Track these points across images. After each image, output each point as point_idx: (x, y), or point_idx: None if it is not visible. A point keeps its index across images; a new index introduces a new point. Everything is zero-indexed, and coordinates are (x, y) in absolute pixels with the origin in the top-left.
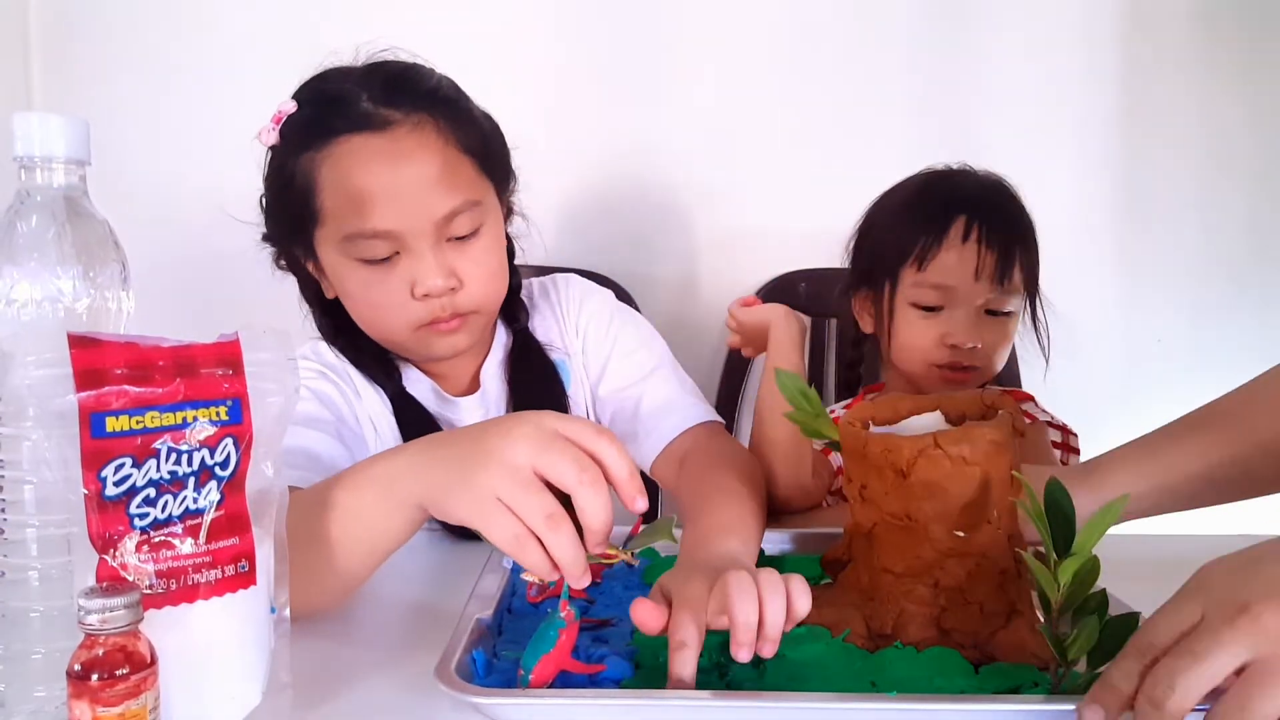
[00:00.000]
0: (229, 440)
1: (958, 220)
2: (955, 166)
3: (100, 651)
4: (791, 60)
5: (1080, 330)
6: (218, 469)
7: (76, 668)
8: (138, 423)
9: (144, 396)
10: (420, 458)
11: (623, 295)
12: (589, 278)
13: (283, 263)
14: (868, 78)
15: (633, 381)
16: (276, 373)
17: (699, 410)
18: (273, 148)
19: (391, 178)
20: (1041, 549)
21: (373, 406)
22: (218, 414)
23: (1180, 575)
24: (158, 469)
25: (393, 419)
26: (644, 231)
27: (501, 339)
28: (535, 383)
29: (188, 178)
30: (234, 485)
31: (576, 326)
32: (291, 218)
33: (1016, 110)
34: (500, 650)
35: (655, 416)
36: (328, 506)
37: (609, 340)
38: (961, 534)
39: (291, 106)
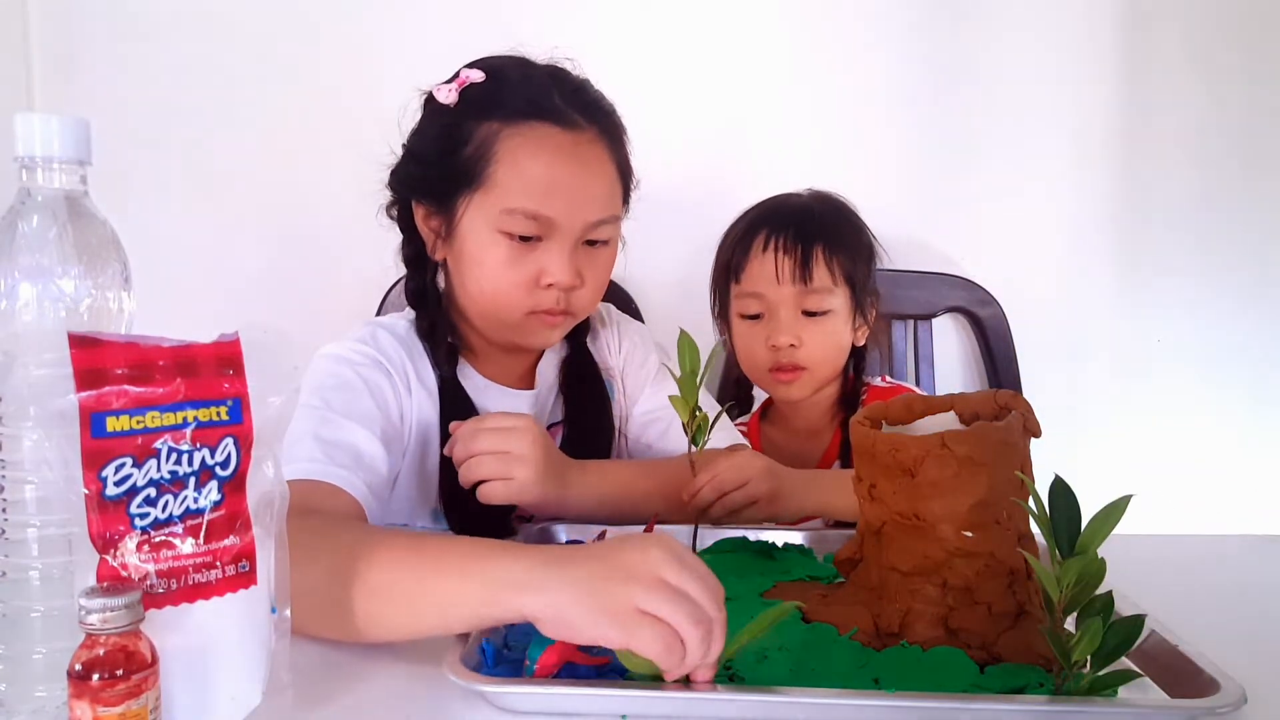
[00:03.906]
0: (229, 440)
1: (760, 234)
2: (799, 191)
3: (101, 651)
4: (790, 60)
5: (1080, 330)
6: (218, 469)
7: (77, 667)
8: (138, 422)
9: (144, 396)
10: (542, 573)
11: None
12: None
13: (393, 213)
14: (868, 78)
15: (666, 405)
16: (277, 372)
17: (725, 436)
18: (445, 107)
19: (569, 174)
20: None
21: (419, 402)
22: (218, 414)
23: (1190, 575)
24: (158, 469)
25: (435, 417)
26: (642, 232)
27: (558, 346)
28: (587, 392)
29: (189, 177)
30: (234, 485)
31: (620, 350)
32: (450, 174)
33: (1016, 110)
34: (511, 641)
35: (685, 438)
36: (413, 575)
37: (647, 368)
38: (969, 534)
39: (479, 75)
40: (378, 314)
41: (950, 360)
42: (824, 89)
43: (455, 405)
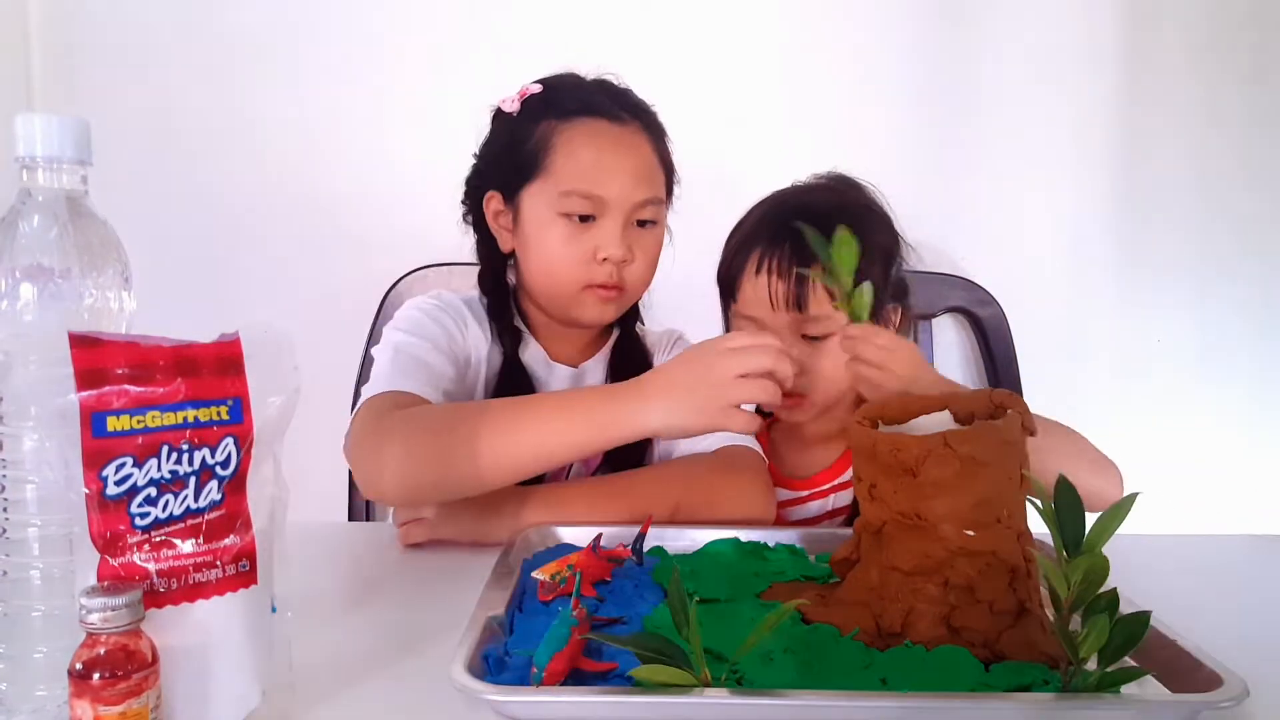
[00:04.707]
0: (230, 440)
1: (753, 253)
2: (810, 181)
3: (102, 650)
4: (790, 58)
5: (1080, 330)
6: (218, 468)
7: (78, 667)
8: (139, 422)
9: (145, 396)
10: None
11: None
12: None
13: (469, 219)
14: (867, 77)
15: None
16: (277, 372)
17: (738, 436)
18: (509, 115)
19: (617, 158)
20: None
21: (475, 340)
22: (219, 413)
23: (1190, 575)
24: (159, 468)
25: (479, 376)
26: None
27: (616, 336)
28: (634, 371)
29: (189, 177)
30: (235, 485)
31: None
32: (515, 168)
33: (1017, 110)
34: (511, 649)
35: (698, 438)
36: (510, 415)
37: None
38: (971, 533)
39: (537, 87)
40: (377, 314)
41: (950, 360)
42: (825, 89)
43: (515, 377)
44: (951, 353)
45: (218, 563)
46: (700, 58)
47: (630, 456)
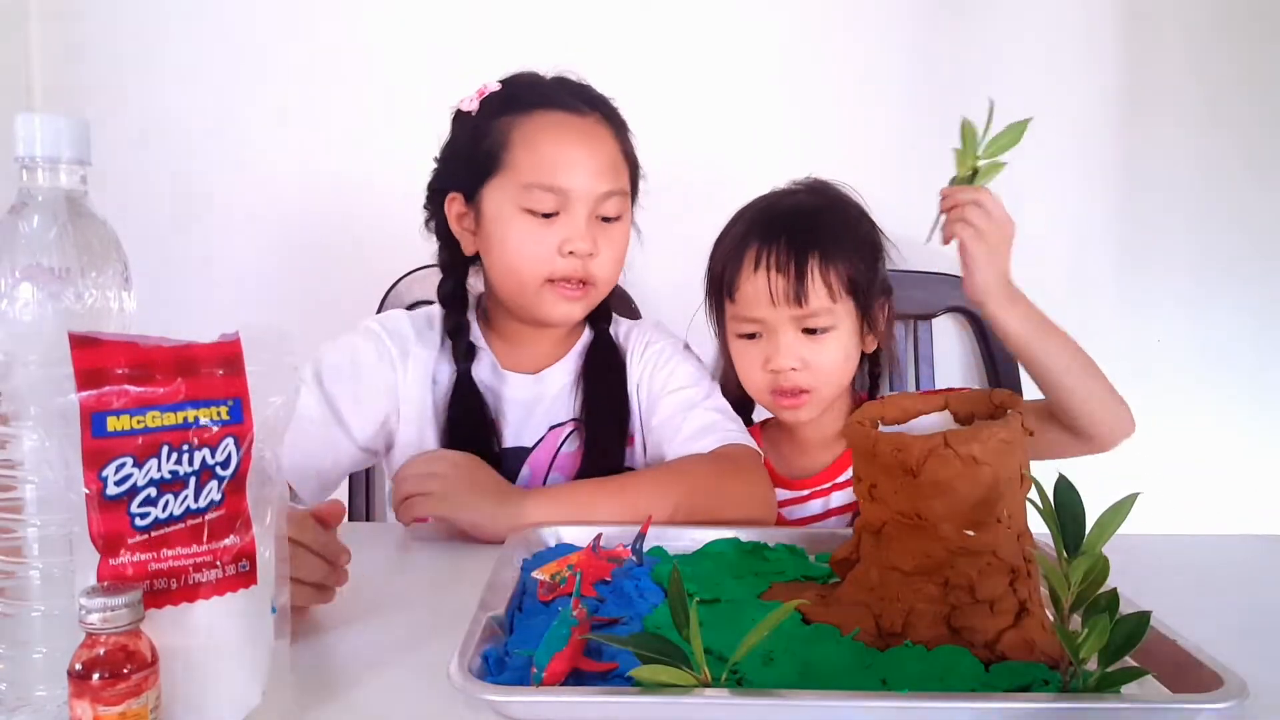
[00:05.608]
0: (230, 440)
1: (750, 249)
2: (796, 184)
3: (101, 651)
4: (790, 57)
5: (1080, 330)
6: (218, 469)
7: (78, 667)
8: (139, 422)
9: (145, 396)
10: None
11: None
12: None
13: (431, 224)
14: (867, 77)
15: (678, 410)
16: (277, 372)
17: (735, 435)
18: (468, 114)
19: (576, 149)
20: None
21: (414, 376)
22: (219, 413)
23: (1190, 575)
24: (159, 468)
25: (428, 396)
26: (642, 233)
27: (585, 338)
28: (607, 373)
29: (188, 177)
30: (235, 485)
31: (641, 359)
32: (475, 167)
33: (1016, 110)
34: (511, 649)
35: (693, 438)
36: None
37: (663, 376)
38: (971, 533)
39: (496, 85)
40: (378, 313)
41: (950, 360)
42: (825, 89)
43: (465, 396)
44: (952, 353)
45: (218, 563)
46: (700, 58)
47: (607, 462)
